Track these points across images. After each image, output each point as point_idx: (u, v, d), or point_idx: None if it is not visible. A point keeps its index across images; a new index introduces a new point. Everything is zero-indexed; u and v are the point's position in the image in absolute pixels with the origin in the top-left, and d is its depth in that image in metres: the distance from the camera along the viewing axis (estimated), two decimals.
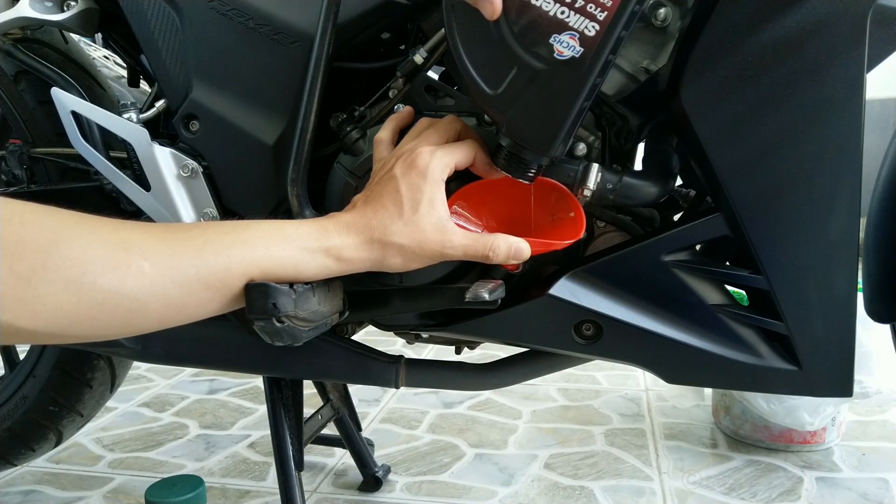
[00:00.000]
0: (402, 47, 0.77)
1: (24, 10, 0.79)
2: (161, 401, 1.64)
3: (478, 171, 0.64)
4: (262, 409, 1.57)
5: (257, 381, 1.73)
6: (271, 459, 1.15)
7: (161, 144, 0.75)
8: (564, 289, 0.66)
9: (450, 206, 0.60)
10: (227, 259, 0.53)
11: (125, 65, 0.91)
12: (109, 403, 1.43)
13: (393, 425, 1.48)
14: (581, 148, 0.68)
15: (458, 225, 0.60)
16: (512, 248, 0.60)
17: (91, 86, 0.95)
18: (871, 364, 1.29)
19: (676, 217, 0.75)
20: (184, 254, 0.52)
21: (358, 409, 1.18)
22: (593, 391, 1.67)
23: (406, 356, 0.82)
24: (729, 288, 0.68)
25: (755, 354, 0.67)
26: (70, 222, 0.48)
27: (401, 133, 0.68)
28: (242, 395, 1.67)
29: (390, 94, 0.72)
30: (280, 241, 0.56)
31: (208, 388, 1.72)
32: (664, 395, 1.62)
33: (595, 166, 0.64)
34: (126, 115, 0.76)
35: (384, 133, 0.66)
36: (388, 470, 1.24)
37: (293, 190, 0.67)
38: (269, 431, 0.89)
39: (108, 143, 0.80)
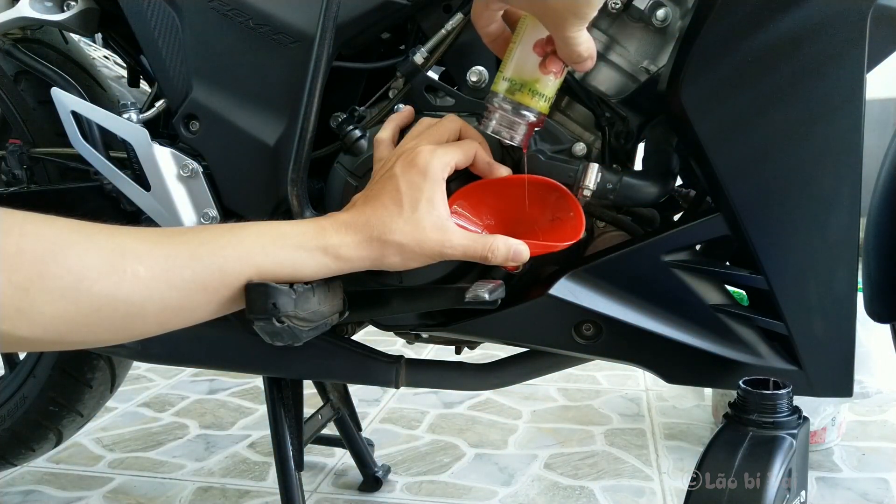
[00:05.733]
0: (402, 47, 0.77)
1: (24, 10, 0.78)
2: (161, 401, 1.64)
3: (478, 170, 0.64)
4: (262, 409, 1.57)
5: (257, 381, 1.73)
6: (271, 459, 1.15)
7: (161, 144, 0.75)
8: (564, 289, 0.66)
9: (450, 205, 0.60)
10: (223, 259, 0.53)
11: (125, 65, 0.91)
12: (109, 403, 1.43)
13: (393, 425, 1.48)
14: (581, 148, 0.68)
15: (457, 225, 0.60)
16: (511, 249, 0.60)
17: (91, 86, 0.95)
18: (871, 364, 1.29)
19: (676, 217, 0.75)
20: (178, 256, 0.51)
21: (358, 409, 1.18)
22: (593, 391, 1.67)
23: (406, 356, 0.82)
24: (729, 288, 0.68)
25: (755, 354, 0.67)
26: (67, 231, 0.48)
27: (401, 133, 0.68)
28: (242, 395, 1.67)
29: (390, 94, 0.72)
30: (277, 241, 0.56)
31: (208, 388, 1.72)
32: (664, 395, 1.62)
33: (595, 166, 0.64)
34: (126, 115, 0.76)
35: (384, 133, 0.66)
36: (388, 470, 1.24)
37: (293, 190, 0.67)
38: (269, 431, 0.89)
39: (108, 143, 0.80)
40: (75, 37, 0.98)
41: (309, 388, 0.98)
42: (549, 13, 0.55)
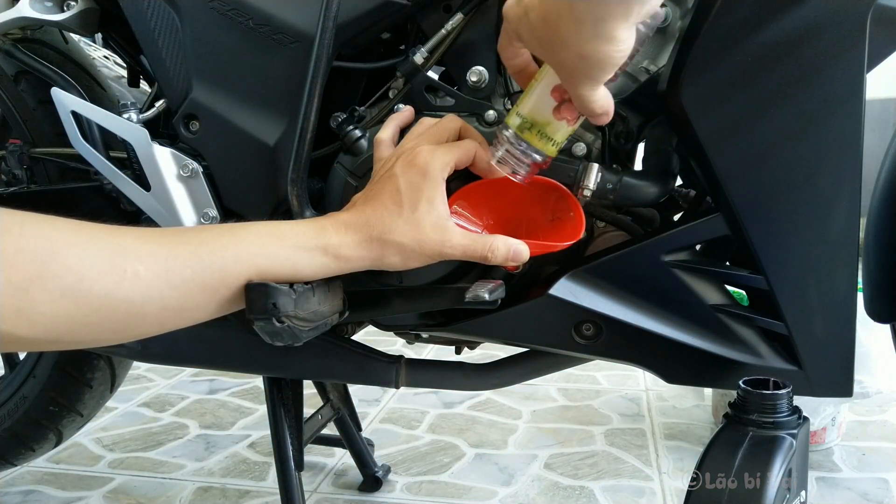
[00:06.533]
0: (402, 47, 0.77)
1: (24, 10, 0.78)
2: (161, 401, 1.64)
3: (478, 170, 0.64)
4: (262, 409, 1.57)
5: (257, 381, 1.73)
6: (271, 459, 1.15)
7: (161, 144, 0.75)
8: (564, 289, 0.66)
9: (450, 205, 0.60)
10: (222, 259, 0.53)
11: (125, 65, 0.91)
12: (109, 403, 1.43)
13: (393, 425, 1.48)
14: (581, 148, 0.68)
15: (457, 225, 0.60)
16: (511, 249, 0.60)
17: (91, 86, 0.94)
18: (871, 364, 1.29)
19: (676, 217, 0.75)
20: (179, 256, 0.52)
21: (358, 409, 1.18)
22: (593, 391, 1.67)
23: (406, 356, 0.82)
24: (729, 288, 0.68)
25: (755, 354, 0.67)
26: (67, 230, 0.48)
27: (401, 133, 0.68)
28: (242, 395, 1.67)
29: (390, 94, 0.72)
30: (276, 241, 0.56)
31: (208, 388, 1.72)
32: (664, 395, 1.62)
33: (595, 166, 0.64)
34: (126, 115, 0.76)
35: (384, 133, 0.66)
36: (388, 470, 1.24)
37: (293, 190, 0.67)
38: (269, 431, 0.89)
39: (108, 143, 0.80)
40: (75, 37, 0.98)
41: (309, 388, 0.98)
42: (564, 70, 0.54)
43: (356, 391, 1.54)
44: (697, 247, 0.69)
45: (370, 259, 0.59)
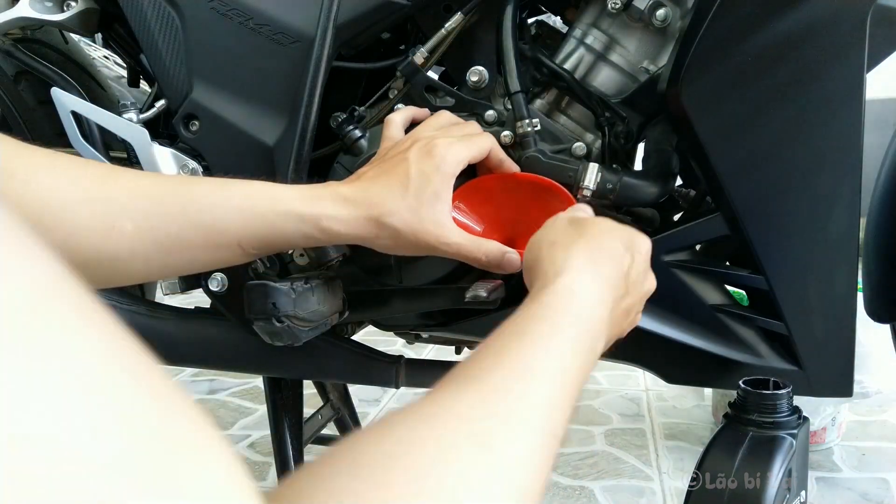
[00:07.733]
0: (402, 47, 0.77)
1: (24, 10, 0.78)
2: None
3: (489, 164, 0.63)
4: (262, 409, 1.57)
5: (257, 381, 1.73)
6: (271, 459, 1.14)
7: (161, 144, 0.75)
8: None
9: (453, 200, 0.60)
10: (211, 217, 0.53)
11: (125, 65, 0.91)
12: None
13: None
14: (581, 148, 0.68)
15: (456, 220, 0.60)
16: (504, 257, 0.60)
17: (91, 86, 0.94)
18: (871, 364, 1.29)
19: (676, 217, 0.75)
20: (167, 213, 0.52)
21: (358, 409, 1.18)
22: (593, 391, 1.67)
23: (406, 356, 0.82)
24: (729, 288, 0.68)
25: (755, 354, 0.67)
26: (64, 183, 0.48)
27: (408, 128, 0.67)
28: (242, 395, 1.67)
29: (390, 94, 0.72)
30: (268, 202, 0.55)
31: (208, 388, 1.72)
32: (664, 395, 1.62)
33: (594, 166, 0.64)
34: (126, 115, 0.76)
35: (398, 115, 0.65)
36: None
37: None
38: (269, 431, 0.89)
39: (108, 143, 0.80)
40: (75, 37, 0.98)
41: (309, 388, 0.98)
42: None
43: (356, 391, 1.54)
44: (697, 247, 0.69)
45: (360, 238, 0.57)
